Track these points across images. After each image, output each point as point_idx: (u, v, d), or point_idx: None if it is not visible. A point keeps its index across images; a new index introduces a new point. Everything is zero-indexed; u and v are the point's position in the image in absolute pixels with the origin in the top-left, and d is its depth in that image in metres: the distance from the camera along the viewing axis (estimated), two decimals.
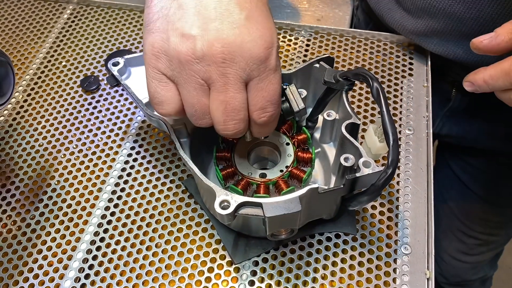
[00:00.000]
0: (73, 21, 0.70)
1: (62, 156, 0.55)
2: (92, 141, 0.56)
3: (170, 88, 0.37)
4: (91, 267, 0.46)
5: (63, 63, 0.65)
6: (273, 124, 0.40)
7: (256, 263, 0.46)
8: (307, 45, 0.66)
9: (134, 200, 0.51)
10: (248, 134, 0.42)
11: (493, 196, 0.79)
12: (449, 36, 0.57)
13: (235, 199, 0.37)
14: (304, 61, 0.64)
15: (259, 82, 0.36)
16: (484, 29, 0.40)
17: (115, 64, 0.48)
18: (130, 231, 0.48)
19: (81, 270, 0.46)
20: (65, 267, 0.46)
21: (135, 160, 0.54)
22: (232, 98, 0.36)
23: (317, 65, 0.46)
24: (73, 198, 0.51)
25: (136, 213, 0.50)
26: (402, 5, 0.61)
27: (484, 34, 0.41)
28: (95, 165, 0.54)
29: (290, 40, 0.66)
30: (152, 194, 0.51)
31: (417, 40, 0.61)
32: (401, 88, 0.61)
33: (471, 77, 0.43)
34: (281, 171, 0.46)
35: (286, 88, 0.43)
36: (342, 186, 0.39)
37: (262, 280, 0.45)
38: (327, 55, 0.46)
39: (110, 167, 0.54)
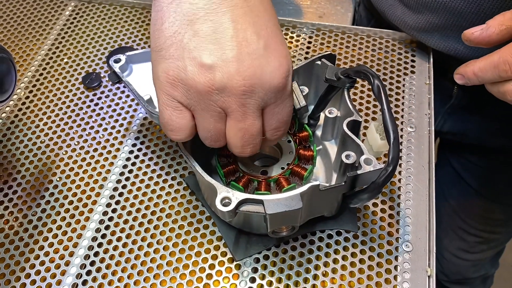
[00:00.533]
0: (75, 18, 0.70)
1: (64, 152, 0.55)
2: (94, 138, 0.56)
3: (185, 115, 0.37)
4: (92, 263, 0.46)
5: (65, 60, 0.65)
6: (282, 136, 0.42)
7: (257, 260, 0.46)
8: (309, 42, 0.66)
9: (135, 197, 0.51)
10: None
11: (495, 194, 0.79)
12: (450, 31, 0.57)
13: (236, 196, 0.37)
14: (306, 58, 0.64)
15: (275, 107, 0.37)
16: (484, 23, 0.40)
17: (116, 61, 0.48)
18: (131, 227, 0.48)
19: (82, 266, 0.46)
20: (67, 264, 0.46)
21: (136, 157, 0.54)
22: (250, 126, 0.36)
23: (319, 62, 0.46)
24: (74, 194, 0.51)
25: (138, 210, 0.50)
26: (403, 1, 0.61)
27: (475, 26, 0.41)
28: (97, 161, 0.54)
29: (292, 37, 0.66)
30: (153, 191, 0.51)
31: (419, 36, 0.61)
32: (403, 85, 0.60)
33: (461, 70, 0.43)
34: (282, 168, 0.45)
35: None
36: (343, 183, 0.39)
37: (263, 277, 0.45)
38: (329, 52, 0.46)
39: (111, 164, 0.54)
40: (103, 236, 0.48)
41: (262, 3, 0.36)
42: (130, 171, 0.53)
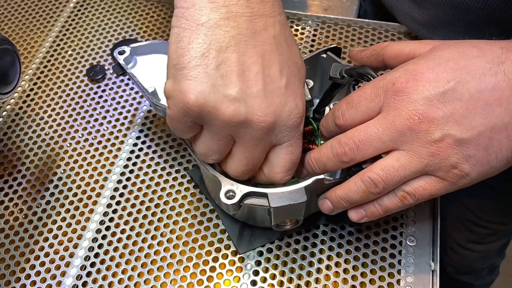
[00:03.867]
0: (79, 10, 0.70)
1: (68, 145, 0.55)
2: (98, 131, 0.56)
3: (193, 130, 0.38)
4: (96, 255, 0.46)
5: (69, 52, 0.64)
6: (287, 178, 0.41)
7: (260, 253, 0.46)
8: (314, 35, 0.65)
9: (139, 189, 0.51)
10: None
11: (505, 185, 0.78)
12: (457, 27, 0.57)
13: (241, 189, 0.37)
14: (311, 51, 0.63)
15: (288, 146, 0.38)
16: (491, 18, 0.39)
17: (121, 53, 0.48)
18: (135, 220, 0.49)
19: (86, 258, 0.46)
20: (71, 255, 0.46)
21: (140, 149, 0.54)
22: (257, 158, 0.38)
23: (324, 55, 0.46)
24: (78, 187, 0.51)
25: (142, 203, 0.50)
26: None
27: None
28: (101, 154, 0.54)
29: (297, 30, 0.66)
30: (157, 184, 0.51)
31: (425, 32, 0.60)
32: None
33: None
34: None
35: None
36: (347, 177, 0.39)
37: (266, 270, 0.45)
38: (334, 45, 0.46)
39: (115, 156, 0.54)
40: (107, 228, 0.48)
41: (286, 40, 0.37)
42: (134, 164, 0.53)
